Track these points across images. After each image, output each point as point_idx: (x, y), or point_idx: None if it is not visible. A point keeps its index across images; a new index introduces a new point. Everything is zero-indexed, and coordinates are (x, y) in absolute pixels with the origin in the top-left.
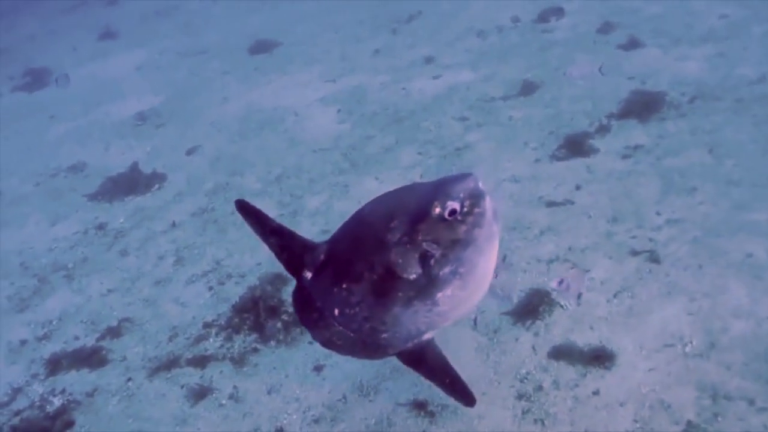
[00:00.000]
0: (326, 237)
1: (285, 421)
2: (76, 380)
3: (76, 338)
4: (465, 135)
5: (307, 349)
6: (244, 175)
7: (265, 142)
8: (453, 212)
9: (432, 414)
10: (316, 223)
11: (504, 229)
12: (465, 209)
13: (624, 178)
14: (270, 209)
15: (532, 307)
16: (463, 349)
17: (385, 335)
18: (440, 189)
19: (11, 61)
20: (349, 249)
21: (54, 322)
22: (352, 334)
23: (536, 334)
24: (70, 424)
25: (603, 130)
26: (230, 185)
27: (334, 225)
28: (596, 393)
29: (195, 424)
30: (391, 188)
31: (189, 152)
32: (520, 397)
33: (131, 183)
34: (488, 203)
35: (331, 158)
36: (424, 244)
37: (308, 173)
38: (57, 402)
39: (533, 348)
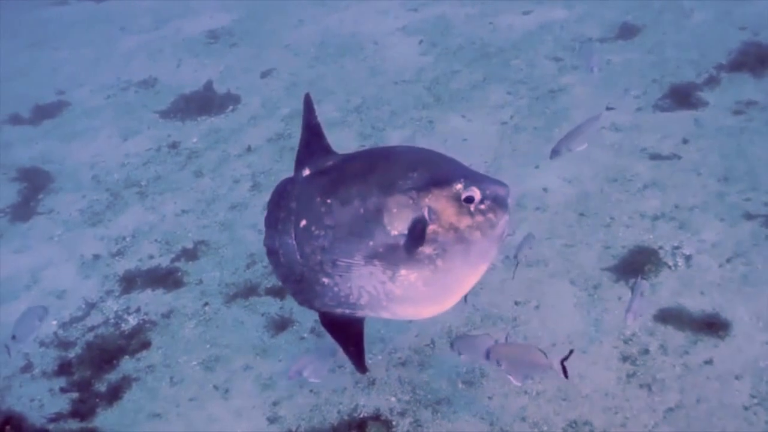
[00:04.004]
0: None
1: (370, 361)
2: (152, 300)
3: (151, 257)
4: (559, 77)
5: None
6: (321, 102)
7: (343, 70)
8: (470, 199)
9: None
10: None
11: (604, 179)
12: (481, 206)
13: (736, 135)
14: (350, 140)
15: (636, 265)
16: (562, 302)
17: (326, 281)
18: (473, 175)
19: None
20: (358, 171)
21: (127, 239)
22: (299, 257)
23: (641, 294)
24: (147, 344)
25: (712, 82)
26: None
27: None
28: (708, 362)
29: (276, 355)
30: (479, 127)
31: (264, 75)
32: (624, 359)
33: (204, 102)
34: (504, 220)
35: (414, 91)
36: (426, 208)
37: (389, 105)
38: (132, 321)
39: None
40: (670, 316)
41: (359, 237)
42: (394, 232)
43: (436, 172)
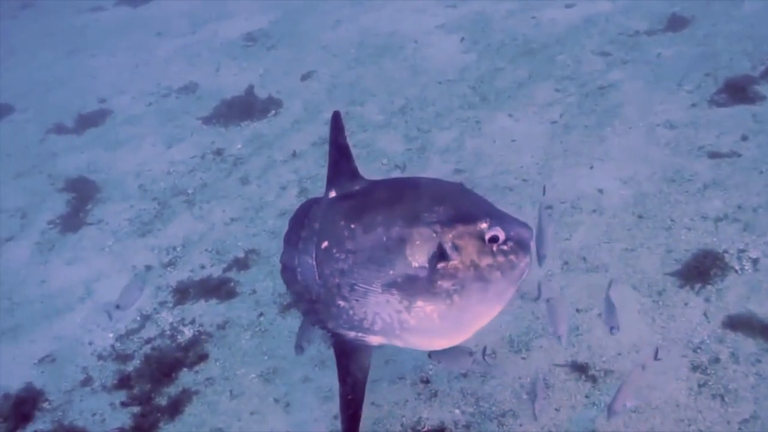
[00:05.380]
0: (458, 177)
1: (431, 372)
2: (206, 311)
3: (203, 267)
4: (608, 72)
5: None
6: (364, 104)
7: (384, 70)
8: (494, 240)
9: (594, 379)
10: (448, 160)
11: (662, 179)
12: (504, 248)
13: None
14: (396, 143)
15: (702, 270)
16: (625, 309)
17: (342, 303)
18: (499, 214)
19: None
20: (384, 199)
21: (178, 249)
22: (317, 278)
23: (707, 300)
24: (204, 357)
25: None
26: (350, 115)
27: (468, 164)
28: None
29: (334, 367)
30: (528, 127)
31: (304, 77)
32: (694, 368)
33: (246, 107)
34: (525, 263)
35: (458, 91)
36: (449, 244)
37: (434, 106)
38: (188, 333)
39: (705, 315)
40: (739, 323)
41: (379, 265)
42: (415, 264)
43: (462, 208)
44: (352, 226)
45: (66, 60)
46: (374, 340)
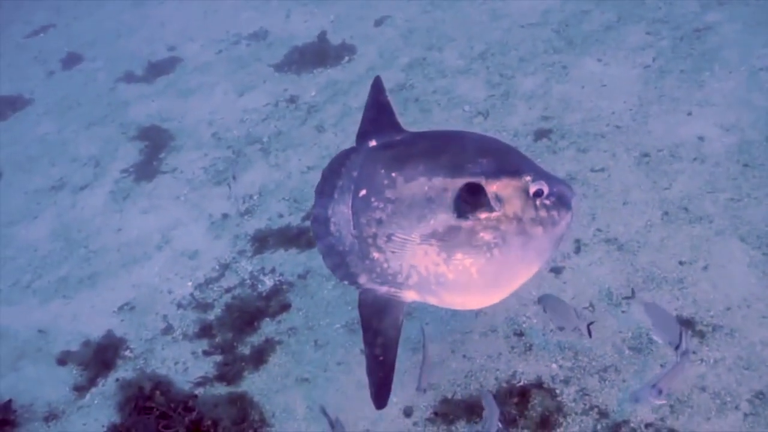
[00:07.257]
0: (545, 124)
1: (524, 324)
2: (286, 260)
3: (280, 216)
4: (703, 14)
5: None
6: (443, 50)
7: (462, 14)
8: (538, 194)
9: (702, 334)
10: (534, 107)
11: (767, 126)
12: (546, 202)
13: None
14: (477, 89)
15: None
16: (733, 262)
17: (376, 255)
18: (544, 171)
19: None
20: (427, 150)
21: (255, 198)
22: (352, 228)
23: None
24: (286, 306)
25: None
26: (428, 60)
27: (556, 110)
28: None
29: (422, 318)
30: (618, 71)
31: (378, 23)
32: None
33: (319, 54)
34: (566, 221)
35: (542, 35)
36: (493, 195)
37: (516, 51)
38: (268, 282)
39: None
40: None
41: (420, 214)
42: (456, 214)
43: (507, 161)
44: (393, 174)
45: (133, 8)
46: (407, 295)
